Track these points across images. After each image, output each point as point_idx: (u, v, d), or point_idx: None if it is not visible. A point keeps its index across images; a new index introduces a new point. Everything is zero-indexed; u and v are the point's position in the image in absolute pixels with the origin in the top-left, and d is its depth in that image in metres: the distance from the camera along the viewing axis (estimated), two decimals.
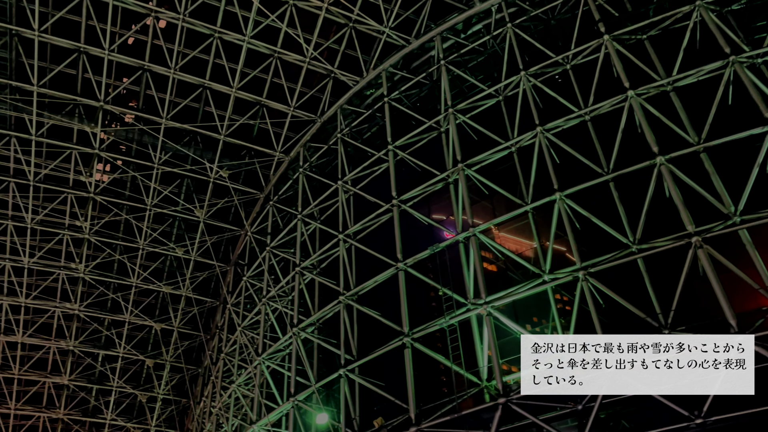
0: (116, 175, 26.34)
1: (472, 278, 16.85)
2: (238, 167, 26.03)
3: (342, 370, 18.29)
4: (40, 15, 21.13)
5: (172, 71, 22.92)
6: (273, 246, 25.15)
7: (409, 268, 18.30)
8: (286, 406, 19.88)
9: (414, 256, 18.31)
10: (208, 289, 30.46)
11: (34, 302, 28.90)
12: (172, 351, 31.44)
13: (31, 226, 26.53)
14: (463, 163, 18.47)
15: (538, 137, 17.70)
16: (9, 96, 22.81)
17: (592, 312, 14.69)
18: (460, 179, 18.37)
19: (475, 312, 16.27)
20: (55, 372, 31.38)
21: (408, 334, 17.09)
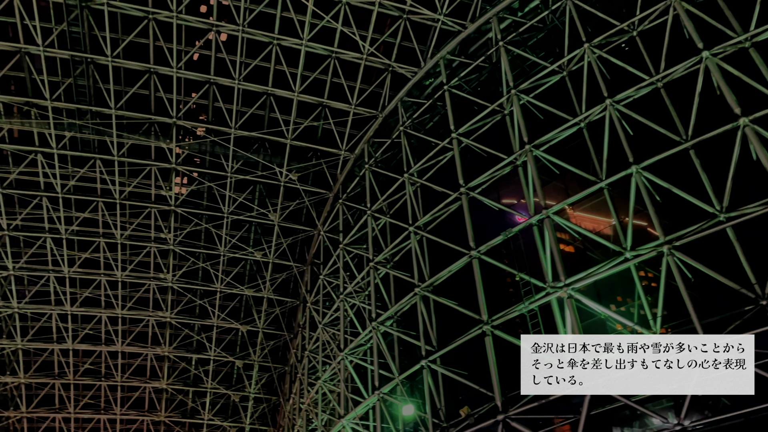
0: (193, 187, 27.53)
1: (549, 261, 16.46)
2: (306, 169, 26.58)
3: (424, 361, 18.36)
4: (111, 41, 22.34)
5: (237, 82, 23.66)
6: (346, 243, 25.54)
7: (483, 255, 18.09)
8: (372, 400, 20.18)
9: (487, 243, 18.09)
10: (287, 290, 31.36)
11: (130, 313, 30.71)
12: (259, 351, 32.62)
13: (121, 241, 28.18)
14: (530, 144, 18.05)
15: (608, 110, 17.03)
16: (90, 121, 24.27)
17: (680, 287, 14.03)
18: (529, 161, 17.97)
19: (555, 295, 15.90)
20: (154, 377, 33.30)
21: (487, 322, 16.93)
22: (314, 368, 28.02)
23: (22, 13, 21.24)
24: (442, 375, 18.22)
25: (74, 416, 33.26)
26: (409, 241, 21.31)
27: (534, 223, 17.18)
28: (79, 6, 21.24)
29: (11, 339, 30.14)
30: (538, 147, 18.08)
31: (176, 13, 21.70)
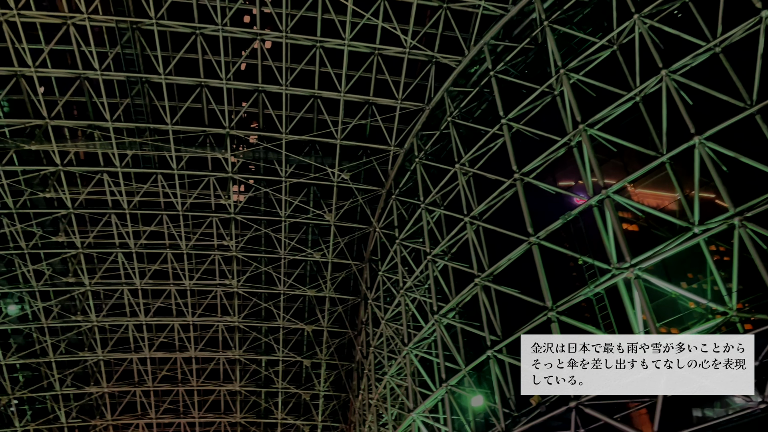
0: (251, 194, 28.24)
1: (612, 242, 16.01)
2: (357, 167, 26.80)
3: (489, 351, 18.22)
4: (162, 59, 23.16)
5: (284, 87, 24.08)
6: (402, 238, 25.61)
7: (543, 241, 17.78)
8: (440, 392, 20.19)
9: (546, 228, 17.76)
10: (348, 288, 31.75)
11: (200, 319, 31.84)
12: (325, 349, 33.18)
13: (186, 251, 29.23)
14: (584, 124, 17.58)
15: (664, 81, 16.37)
16: (149, 138, 25.25)
17: (755, 260, 13.37)
18: (584, 140, 17.51)
19: (621, 277, 15.46)
20: (227, 380, 34.43)
21: (552, 308, 16.63)
22: (380, 364, 28.27)
23: (78, 41, 22.29)
24: (510, 364, 18.02)
25: (156, 421, 34.79)
26: (465, 232, 21.17)
27: (594, 204, 16.74)
28: (130, 28, 22.12)
29: (93, 351, 31.79)
30: (592, 126, 17.59)
31: (221, 25, 22.28)
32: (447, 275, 22.04)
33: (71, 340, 31.46)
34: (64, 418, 33.20)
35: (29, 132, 24.63)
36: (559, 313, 16.52)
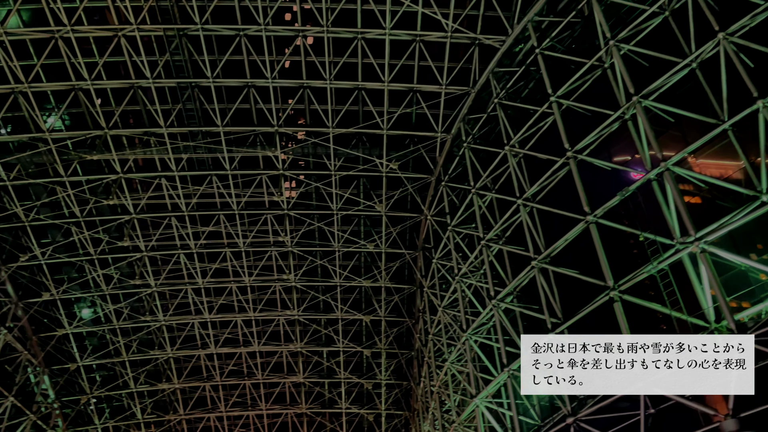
0: (302, 189, 28.66)
1: (674, 216, 15.44)
2: (405, 156, 26.77)
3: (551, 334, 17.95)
4: (210, 63, 23.72)
5: (328, 82, 24.25)
6: (454, 225, 25.47)
7: (600, 219, 17.32)
8: (502, 377, 20.06)
9: (603, 205, 17.29)
10: (403, 277, 31.86)
11: (261, 314, 32.65)
12: (384, 339, 33.46)
13: (244, 249, 29.97)
14: (637, 96, 16.96)
15: (722, 44, 15.58)
16: (202, 141, 25.96)
17: None
18: (638, 113, 16.90)
19: (686, 251, 14.90)
20: (291, 372, 35.22)
21: (614, 288, 16.22)
22: (440, 351, 28.29)
23: (130, 51, 23.08)
24: None
25: (226, 414, 36.00)
26: (519, 215, 20.85)
27: (652, 177, 16.16)
28: (177, 35, 22.73)
29: (162, 349, 33.12)
30: (646, 97, 16.95)
31: (264, 25, 22.61)
32: (502, 259, 21.80)
33: (142, 339, 32.86)
34: (140, 414, 34.78)
35: (90, 143, 25.73)
36: (622, 292, 16.09)
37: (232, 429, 36.91)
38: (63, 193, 26.54)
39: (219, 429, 36.65)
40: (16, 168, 25.59)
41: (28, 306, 29.90)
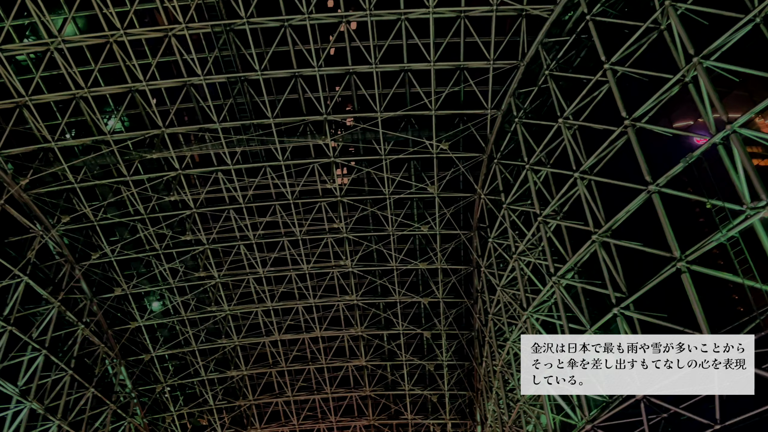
0: (354, 175, 28.83)
1: (743, 180, 14.68)
2: (455, 136, 26.47)
3: (616, 309, 17.52)
4: (257, 56, 24.05)
5: (374, 66, 24.17)
6: (509, 203, 25.08)
7: (663, 188, 16.67)
8: None
9: (665, 174, 16.62)
10: (459, 258, 31.69)
11: (321, 300, 33.23)
12: (443, 320, 33.47)
13: (301, 237, 30.50)
14: (698, 56, 16.13)
15: None
16: (254, 134, 26.45)
17: None
18: (699, 74, 16.08)
19: (757, 217, 14.17)
20: (353, 356, 35.79)
21: (680, 258, 15.62)
22: (501, 330, 28.10)
23: (180, 50, 23.66)
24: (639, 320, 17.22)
25: (293, 399, 36.99)
26: (576, 188, 20.33)
27: (718, 141, 15.39)
28: (224, 31, 23.14)
29: (229, 338, 34.25)
30: (707, 57, 16.09)
31: (308, 14, 22.70)
32: (561, 235, 21.35)
33: (209, 329, 34.07)
34: (211, 401, 36.18)
35: (149, 142, 26.66)
36: (689, 263, 15.49)
37: (299, 412, 37.94)
38: (127, 192, 27.65)
39: (287, 413, 37.73)
40: (82, 170, 26.81)
41: (102, 301, 31.47)
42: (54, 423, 27.99)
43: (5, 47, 22.76)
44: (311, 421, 37.92)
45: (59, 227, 28.08)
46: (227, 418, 37.09)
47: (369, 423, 37.72)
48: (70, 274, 29.69)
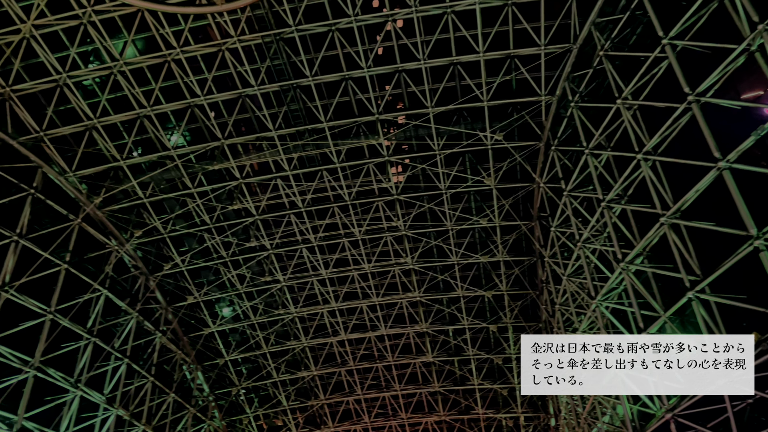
0: (409, 173, 28.88)
1: None
2: (510, 125, 26.07)
3: (690, 293, 16.84)
4: (307, 62, 24.46)
5: (422, 62, 24.13)
6: (569, 190, 24.51)
7: (734, 164, 15.88)
8: None
9: (736, 149, 15.83)
10: (521, 249, 31.21)
11: (384, 299, 33.49)
12: (509, 313, 33.06)
13: (360, 237, 30.82)
14: (763, 23, 15.27)
15: None
16: (309, 139, 26.92)
17: None
18: (766, 42, 15.22)
19: None
20: (420, 353, 35.89)
21: (758, 236, 14.85)
22: (569, 320, 27.52)
23: (234, 63, 24.36)
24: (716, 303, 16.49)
25: (363, 397, 37.44)
26: (640, 170, 19.68)
27: None
28: (274, 40, 23.66)
29: (297, 339, 35.03)
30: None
31: (354, 16, 22.90)
32: (626, 220, 20.71)
33: (278, 332, 34.96)
34: (285, 402, 37.12)
35: (210, 154, 27.58)
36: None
37: (370, 410, 38.36)
38: (193, 203, 28.72)
39: (358, 411, 38.24)
40: (150, 186, 28.04)
41: (177, 310, 32.82)
42: (140, 428, 29.43)
43: (72, 74, 24.08)
44: (383, 419, 38.28)
45: (133, 241, 29.48)
46: (301, 418, 37.97)
47: (440, 419, 37.74)
48: (146, 285, 31.13)
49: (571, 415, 28.45)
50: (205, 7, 20.24)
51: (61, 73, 23.92)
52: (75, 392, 25.72)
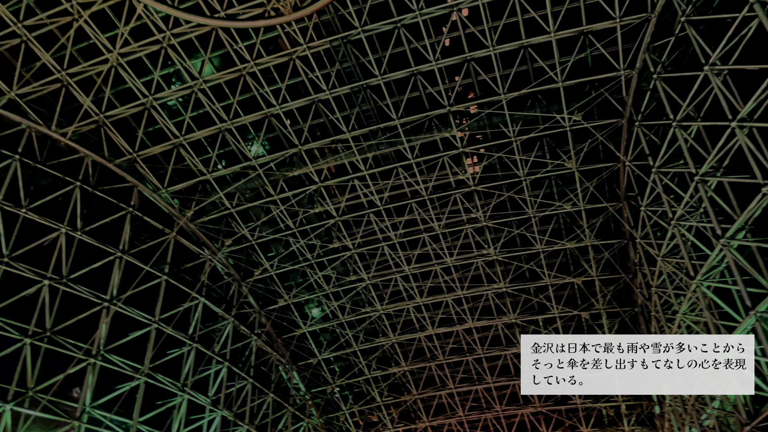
0: (485, 162, 28.46)
1: None
2: (588, 104, 25.10)
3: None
4: (375, 61, 24.61)
5: (491, 48, 23.69)
6: (658, 166, 23.29)
7: None
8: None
9: None
10: (609, 232, 29.98)
11: (469, 291, 33.19)
12: (601, 299, 31.87)
13: (440, 231, 30.70)
14: None
15: None
16: (382, 137, 27.11)
17: None
18: None
19: None
20: (510, 344, 35.27)
21: None
22: (667, 303, 26.18)
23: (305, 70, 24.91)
24: None
25: (456, 390, 37.30)
26: (735, 139, 18.40)
27: None
28: (342, 43, 24.01)
29: (386, 336, 35.41)
30: None
31: (418, 11, 22.83)
32: (724, 193, 19.44)
33: (366, 329, 35.49)
34: (378, 398, 37.64)
35: (288, 161, 28.41)
36: None
37: (464, 404, 38.16)
38: (276, 210, 29.69)
39: (452, 405, 38.15)
40: (235, 196, 29.26)
41: (269, 313, 34.07)
42: (243, 428, 30.82)
43: (158, 96, 25.53)
44: (477, 412, 37.98)
45: (224, 250, 30.88)
46: (395, 413, 38.37)
47: (536, 410, 37.00)
48: (239, 291, 32.53)
49: (676, 401, 27.06)
50: (274, 19, 20.84)
51: (147, 96, 25.44)
52: (182, 396, 27.29)
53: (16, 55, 23.86)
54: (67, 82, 24.72)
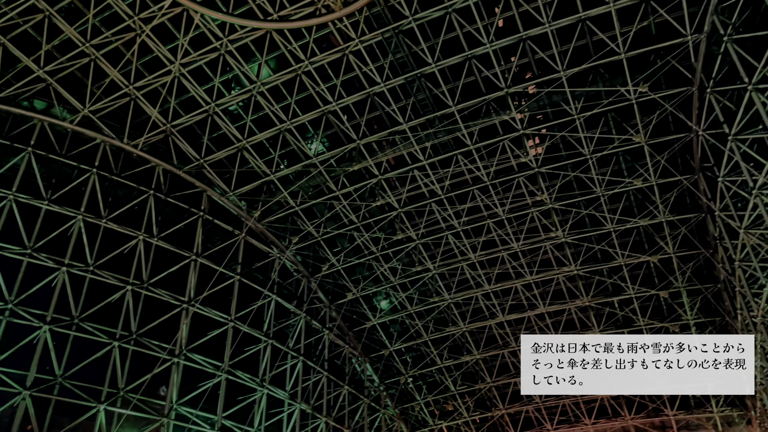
0: (547, 143, 27.72)
1: None
2: (654, 75, 23.94)
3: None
4: (428, 49, 24.42)
5: (548, 25, 22.99)
6: (735, 133, 21.96)
7: None
8: None
9: None
10: (684, 206, 28.58)
11: (538, 276, 32.48)
12: (680, 276, 30.48)
13: (505, 216, 30.17)
14: None
15: None
16: (440, 125, 26.88)
17: None
18: None
19: None
20: (585, 328, 34.30)
21: None
22: (752, 277, 24.74)
23: (358, 64, 24.99)
24: None
25: None
26: None
27: None
28: (393, 34, 23.93)
29: (455, 325, 35.24)
30: None
31: None
32: None
33: (436, 319, 35.44)
34: (452, 386, 37.57)
35: (348, 156, 28.67)
36: None
37: None
38: (339, 205, 30.06)
39: None
40: (299, 194, 29.83)
41: (339, 307, 34.61)
42: (321, 420, 31.53)
43: (219, 102, 26.34)
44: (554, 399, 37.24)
45: (291, 247, 31.58)
46: (470, 402, 38.19)
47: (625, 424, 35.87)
48: (308, 287, 33.22)
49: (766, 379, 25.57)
50: (326, 16, 21.01)
51: (209, 103, 26.29)
52: (262, 390, 28.20)
53: (87, 73, 25.19)
54: (134, 95, 25.90)
